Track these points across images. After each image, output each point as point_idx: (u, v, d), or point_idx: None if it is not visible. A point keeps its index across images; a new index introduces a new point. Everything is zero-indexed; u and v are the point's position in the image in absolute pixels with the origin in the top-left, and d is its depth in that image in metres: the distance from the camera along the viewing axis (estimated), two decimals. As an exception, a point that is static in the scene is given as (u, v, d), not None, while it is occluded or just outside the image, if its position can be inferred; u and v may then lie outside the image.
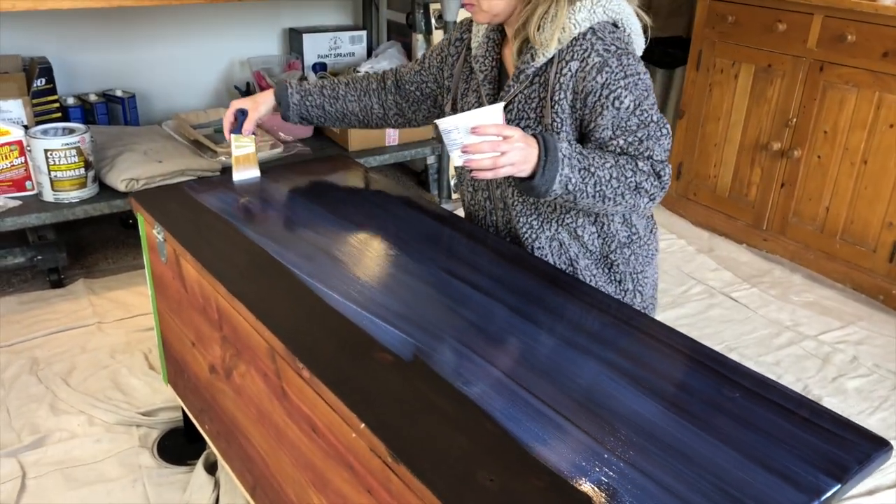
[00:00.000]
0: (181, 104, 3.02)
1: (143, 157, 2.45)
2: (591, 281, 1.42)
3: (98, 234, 2.77)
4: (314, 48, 3.13)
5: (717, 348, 1.14)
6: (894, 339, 2.30)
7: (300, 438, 1.08)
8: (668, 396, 0.96)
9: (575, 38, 1.28)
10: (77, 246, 2.66)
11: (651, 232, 1.48)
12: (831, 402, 1.98)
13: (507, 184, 1.41)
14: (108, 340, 2.14)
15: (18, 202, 2.30)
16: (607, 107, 1.27)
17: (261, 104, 1.61)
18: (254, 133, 1.61)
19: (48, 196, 2.31)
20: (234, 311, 1.19)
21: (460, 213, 1.63)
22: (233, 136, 1.59)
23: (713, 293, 2.54)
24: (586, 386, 0.97)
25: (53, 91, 2.56)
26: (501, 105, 1.25)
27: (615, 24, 1.32)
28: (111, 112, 2.79)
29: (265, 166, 1.64)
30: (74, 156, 2.28)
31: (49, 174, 2.28)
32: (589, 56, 1.27)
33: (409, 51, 3.19)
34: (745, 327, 2.35)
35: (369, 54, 3.24)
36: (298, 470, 1.12)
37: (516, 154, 1.18)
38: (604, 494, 0.79)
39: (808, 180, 2.66)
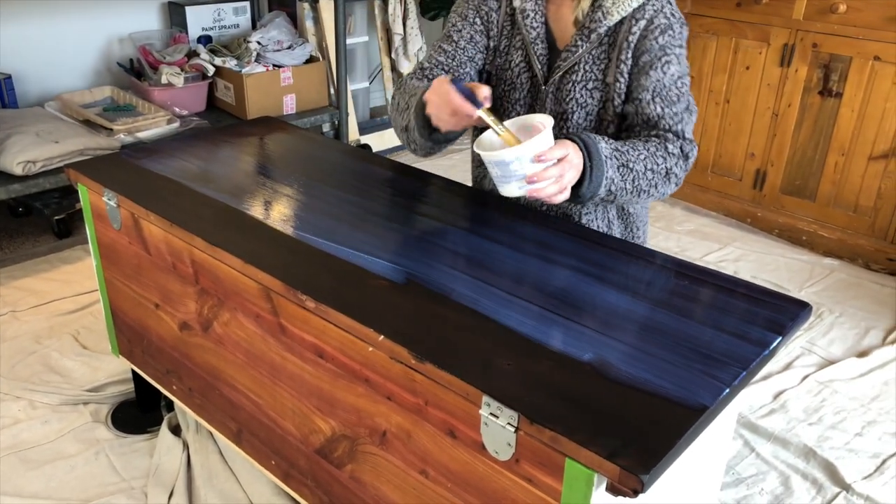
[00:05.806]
0: (60, 85, 2.88)
1: (36, 139, 2.35)
2: (604, 228, 1.42)
3: (-13, 225, 2.63)
4: (198, 21, 3.07)
5: (654, 253, 1.31)
6: (764, 254, 2.63)
7: (303, 368, 1.16)
8: (632, 289, 1.11)
9: None
10: (-33, 238, 2.51)
11: None
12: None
13: None
14: (27, 328, 2.07)
15: None
16: (656, 69, 1.25)
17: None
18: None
19: (-63, 185, 2.18)
20: (215, 260, 1.23)
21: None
22: (481, 111, 1.12)
23: (608, 230, 2.78)
24: (562, 287, 1.11)
25: (-77, 75, 2.39)
26: (551, 122, 1.12)
27: None
28: (-13, 95, 2.63)
29: (168, 139, 1.63)
30: (-37, 140, 2.17)
31: (-63, 161, 2.15)
32: (657, 17, 1.26)
33: (294, 20, 3.20)
34: (640, 257, 2.60)
35: (254, 26, 3.22)
36: (300, 399, 1.19)
37: (574, 172, 1.13)
38: (602, 364, 0.93)
39: (679, 122, 2.94)
